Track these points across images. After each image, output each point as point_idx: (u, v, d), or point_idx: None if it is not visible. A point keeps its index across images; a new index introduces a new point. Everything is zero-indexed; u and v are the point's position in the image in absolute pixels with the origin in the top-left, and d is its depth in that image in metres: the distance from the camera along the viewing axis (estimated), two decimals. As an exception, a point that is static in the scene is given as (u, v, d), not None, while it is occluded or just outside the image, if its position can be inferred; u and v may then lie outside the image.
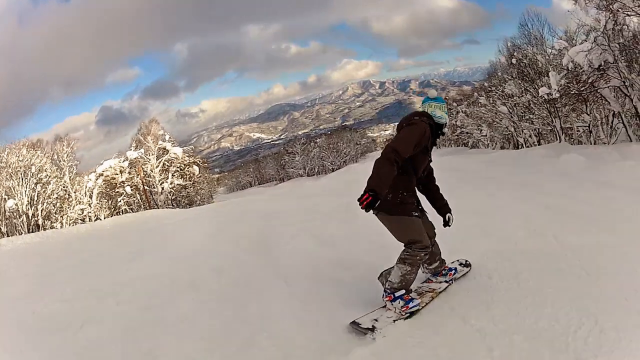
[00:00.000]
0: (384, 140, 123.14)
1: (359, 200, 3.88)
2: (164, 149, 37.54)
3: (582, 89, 15.55)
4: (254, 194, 41.54)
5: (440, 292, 4.79)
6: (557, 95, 16.64)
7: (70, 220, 27.64)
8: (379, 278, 4.83)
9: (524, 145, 26.84)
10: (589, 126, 18.65)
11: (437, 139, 4.76)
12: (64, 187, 28.48)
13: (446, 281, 4.98)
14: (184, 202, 38.72)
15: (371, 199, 3.84)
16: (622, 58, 14.09)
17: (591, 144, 18.36)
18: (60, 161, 29.67)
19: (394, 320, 4.28)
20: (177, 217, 17.56)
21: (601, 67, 14.43)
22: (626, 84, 14.41)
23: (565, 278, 4.66)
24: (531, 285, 4.65)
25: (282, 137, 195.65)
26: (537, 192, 9.40)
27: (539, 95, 18.79)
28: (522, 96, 23.71)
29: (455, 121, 44.34)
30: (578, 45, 15.09)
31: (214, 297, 5.82)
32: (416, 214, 4.46)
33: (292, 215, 11.82)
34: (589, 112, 18.13)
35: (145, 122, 40.10)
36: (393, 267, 4.47)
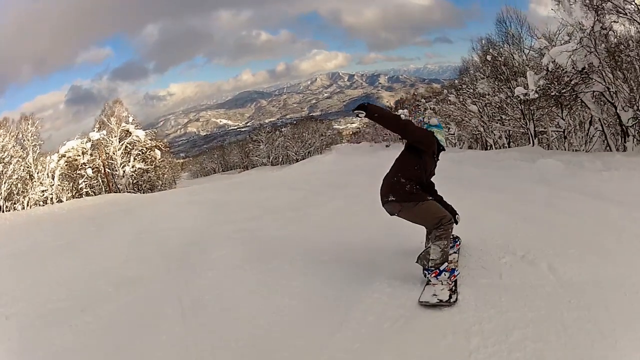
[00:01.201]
0: (350, 132, 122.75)
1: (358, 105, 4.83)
2: (127, 131, 36.63)
3: (563, 91, 15.02)
4: (215, 181, 40.87)
5: (456, 262, 5.41)
6: (535, 96, 15.94)
7: (31, 201, 27.00)
8: (417, 261, 5.12)
9: (493, 147, 26.50)
10: (563, 132, 18.35)
11: (437, 158, 5.42)
12: (27, 167, 27.75)
13: (455, 252, 5.66)
14: (145, 186, 37.87)
15: (361, 107, 4.83)
16: (607, 63, 13.60)
17: (564, 149, 18.11)
18: (24, 140, 29.05)
19: (449, 290, 4.71)
20: (128, 203, 17.52)
21: (585, 70, 13.94)
22: (610, 90, 13.92)
23: (574, 340, 3.59)
24: (528, 355, 3.54)
25: (248, 124, 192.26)
26: (515, 200, 8.58)
27: (515, 95, 18.25)
28: (495, 96, 23.19)
29: (423, 117, 44.13)
30: (560, 45, 14.67)
31: (94, 328, 5.19)
32: (430, 197, 5.14)
33: (239, 209, 11.61)
34: (564, 117, 17.86)
35: (109, 102, 39.02)
36: (429, 247, 4.96)
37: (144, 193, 34.04)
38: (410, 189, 4.95)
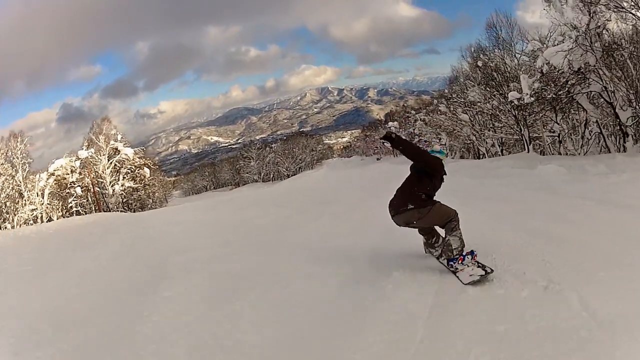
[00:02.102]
0: (341, 147, 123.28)
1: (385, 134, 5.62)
2: (116, 149, 36.26)
3: (559, 93, 14.56)
4: (205, 199, 40.20)
5: None
6: (531, 99, 15.41)
7: (20, 221, 26.58)
8: (441, 256, 5.65)
9: (486, 155, 26.20)
10: (558, 136, 17.99)
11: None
12: (17, 185, 27.40)
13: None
14: (135, 205, 37.45)
15: (388, 135, 5.57)
16: (603, 62, 13.26)
17: (559, 154, 17.76)
18: (13, 158, 28.47)
19: (478, 267, 5.08)
20: (111, 224, 16.55)
21: (581, 70, 13.57)
22: (608, 89, 13.57)
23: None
24: None
25: (239, 141, 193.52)
26: (520, 211, 7.85)
27: (508, 100, 17.79)
28: (487, 103, 22.82)
29: (413, 129, 44.04)
30: (553, 46, 14.30)
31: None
32: (437, 201, 5.65)
33: (215, 232, 10.87)
34: (558, 122, 17.50)
35: (97, 120, 38.64)
36: (448, 240, 5.41)
37: (134, 212, 33.57)
38: (425, 197, 5.56)
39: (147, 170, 38.49)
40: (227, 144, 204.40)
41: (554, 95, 14.81)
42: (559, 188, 9.49)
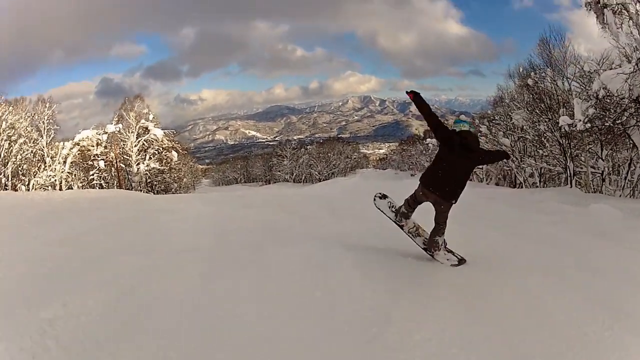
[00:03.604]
0: (377, 158, 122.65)
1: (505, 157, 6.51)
2: (146, 128, 35.84)
3: (617, 122, 12.94)
4: (224, 191, 39.23)
5: None
6: (585, 126, 13.61)
7: (37, 184, 26.39)
8: (431, 251, 6.31)
9: (523, 185, 24.80)
10: (602, 173, 16.62)
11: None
12: (40, 150, 27.30)
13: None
14: (159, 187, 36.95)
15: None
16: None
17: (594, 192, 16.38)
18: (39, 123, 28.35)
19: (451, 255, 6.16)
20: (107, 202, 15.75)
21: (639, 100, 12.15)
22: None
23: None
24: None
25: (276, 138, 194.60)
26: (581, 266, 5.53)
27: (559, 125, 16.10)
28: (533, 127, 21.30)
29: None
30: (610, 70, 12.88)
31: None
32: None
33: (179, 233, 8.49)
34: (603, 158, 16.05)
35: (130, 97, 38.31)
36: (435, 239, 6.12)
37: (156, 194, 33.10)
38: (457, 196, 6.04)
39: (174, 153, 38.03)
40: (264, 140, 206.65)
41: (611, 124, 13.12)
42: (622, 236, 7.44)
